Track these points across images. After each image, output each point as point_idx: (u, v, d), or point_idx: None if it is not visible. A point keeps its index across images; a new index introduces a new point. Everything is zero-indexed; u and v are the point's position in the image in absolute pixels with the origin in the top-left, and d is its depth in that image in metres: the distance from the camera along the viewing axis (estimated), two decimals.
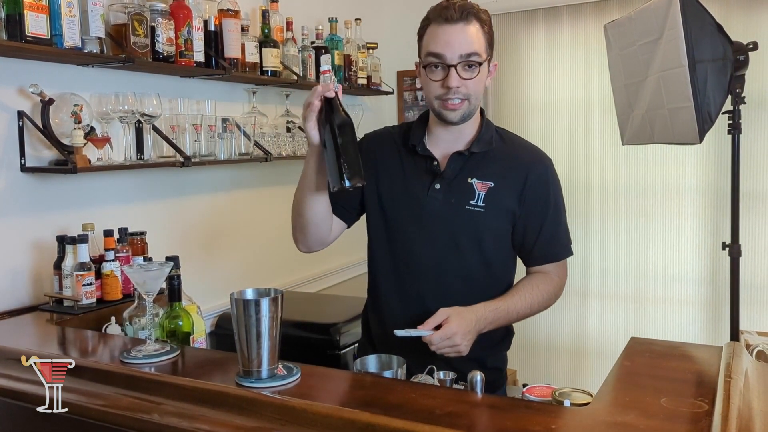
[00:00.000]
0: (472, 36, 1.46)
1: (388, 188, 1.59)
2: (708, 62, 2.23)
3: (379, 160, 1.62)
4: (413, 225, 1.56)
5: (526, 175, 1.56)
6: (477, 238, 1.55)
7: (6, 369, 1.39)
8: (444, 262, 1.55)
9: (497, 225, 1.56)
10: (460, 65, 1.46)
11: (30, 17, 1.71)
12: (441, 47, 1.46)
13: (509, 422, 1.05)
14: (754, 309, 3.01)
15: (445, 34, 1.46)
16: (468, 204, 1.53)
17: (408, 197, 1.57)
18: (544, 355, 3.57)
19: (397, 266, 1.59)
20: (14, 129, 1.87)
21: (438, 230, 1.55)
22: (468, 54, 1.45)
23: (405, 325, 1.44)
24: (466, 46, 1.45)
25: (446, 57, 1.45)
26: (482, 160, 1.56)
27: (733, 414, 0.98)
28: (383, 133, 1.71)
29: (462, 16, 1.46)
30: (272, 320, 1.18)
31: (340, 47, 3.06)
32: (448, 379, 1.32)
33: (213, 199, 2.60)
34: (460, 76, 1.46)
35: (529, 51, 3.47)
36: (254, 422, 1.11)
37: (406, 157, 1.61)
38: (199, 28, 2.23)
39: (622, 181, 3.32)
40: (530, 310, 1.57)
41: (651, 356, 1.32)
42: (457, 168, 1.55)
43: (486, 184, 1.53)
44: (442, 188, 1.55)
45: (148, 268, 1.41)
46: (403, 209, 1.57)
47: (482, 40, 1.49)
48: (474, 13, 1.48)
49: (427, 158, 1.58)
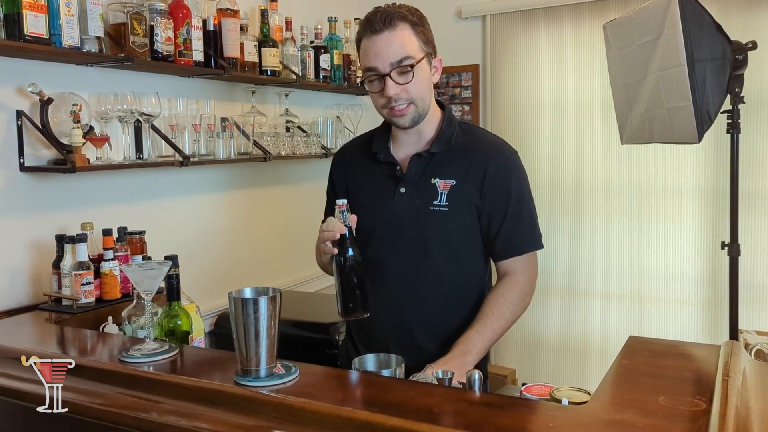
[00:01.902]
0: (399, 41, 1.47)
1: (357, 198, 1.59)
2: (707, 62, 2.23)
3: (348, 173, 1.66)
4: (382, 231, 1.56)
5: (486, 167, 1.54)
6: (444, 238, 1.55)
7: (5, 368, 1.39)
8: (413, 265, 1.55)
9: (463, 223, 1.55)
10: (394, 72, 1.47)
11: (29, 16, 1.71)
12: (372, 60, 1.48)
13: (507, 420, 1.05)
14: (753, 308, 3.01)
15: (373, 46, 1.48)
16: (432, 205, 1.53)
17: (376, 204, 1.57)
18: (543, 354, 3.57)
19: (371, 273, 1.55)
20: (13, 128, 1.87)
21: (405, 234, 1.55)
22: (399, 60, 1.47)
23: (381, 331, 1.56)
24: (394, 53, 1.46)
25: (378, 68, 1.48)
26: (444, 158, 1.56)
27: (730, 413, 0.98)
28: (350, 146, 1.77)
29: (385, 23, 1.47)
30: (270, 319, 1.18)
31: (340, 47, 3.06)
32: (447, 378, 1.31)
33: (212, 198, 2.60)
34: (396, 83, 1.48)
35: (528, 51, 3.47)
36: (253, 421, 1.11)
37: (371, 166, 1.63)
38: (198, 28, 2.24)
39: (621, 180, 3.32)
40: (502, 330, 1.53)
41: (649, 355, 1.32)
42: (419, 170, 1.56)
43: (448, 183, 1.54)
44: (407, 192, 1.56)
45: (147, 267, 1.41)
46: (373, 217, 1.57)
47: (414, 40, 1.49)
48: (399, 16, 1.48)
49: (389, 164, 1.60)
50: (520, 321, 1.60)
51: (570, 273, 3.45)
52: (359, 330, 1.69)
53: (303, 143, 2.84)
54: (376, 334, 1.62)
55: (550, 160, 3.42)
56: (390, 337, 1.58)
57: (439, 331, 1.57)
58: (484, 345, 1.50)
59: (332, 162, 1.75)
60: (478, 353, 1.48)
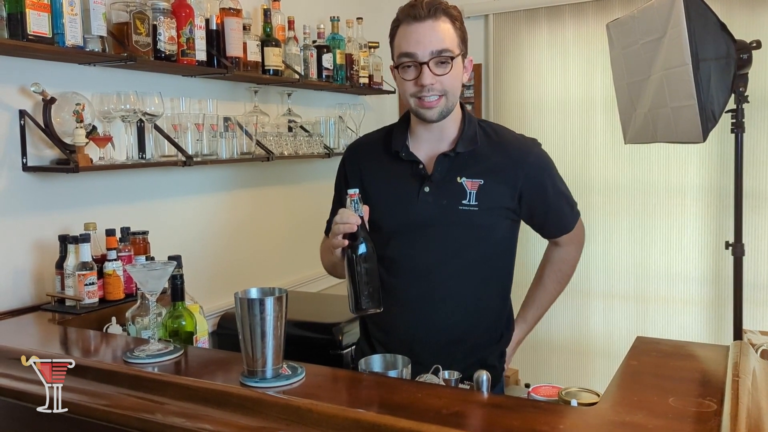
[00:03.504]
0: (442, 32, 1.46)
1: (377, 197, 1.55)
2: (711, 61, 2.22)
3: (364, 171, 1.62)
4: (406, 230, 1.54)
5: (519, 171, 1.54)
6: (473, 237, 1.54)
7: (8, 369, 1.38)
8: (441, 265, 1.54)
9: (492, 222, 1.54)
10: (433, 62, 1.45)
11: (32, 16, 1.70)
12: (412, 46, 1.46)
13: (516, 422, 1.04)
14: (757, 308, 3.00)
15: (414, 33, 1.46)
16: (461, 204, 1.51)
17: (398, 203, 1.55)
18: (546, 354, 3.56)
19: (391, 272, 1.56)
20: (16, 128, 1.86)
21: (431, 234, 1.54)
22: (439, 50, 1.45)
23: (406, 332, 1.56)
24: (436, 43, 1.45)
25: (417, 55, 1.45)
26: (469, 158, 1.55)
27: (742, 413, 0.97)
28: (365, 142, 1.72)
29: (430, 13, 1.45)
30: (277, 320, 1.17)
31: (342, 46, 3.05)
32: (453, 379, 1.31)
33: (215, 198, 2.60)
34: (433, 73, 1.45)
35: (531, 50, 3.46)
36: (259, 422, 1.10)
37: (391, 164, 1.59)
38: (201, 27, 2.23)
39: (624, 180, 3.31)
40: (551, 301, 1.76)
41: (657, 356, 1.31)
42: (444, 169, 1.54)
43: (476, 182, 1.52)
44: (431, 191, 1.53)
45: (152, 267, 1.40)
46: (395, 216, 1.55)
47: (453, 35, 1.48)
48: (443, 9, 1.47)
49: (412, 162, 1.56)
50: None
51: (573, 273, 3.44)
52: (378, 330, 1.65)
53: (305, 143, 2.83)
54: (399, 335, 1.59)
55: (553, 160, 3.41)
56: (414, 338, 1.56)
57: (466, 331, 1.57)
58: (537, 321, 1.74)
59: (344, 157, 1.70)
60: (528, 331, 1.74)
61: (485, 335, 1.58)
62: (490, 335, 1.60)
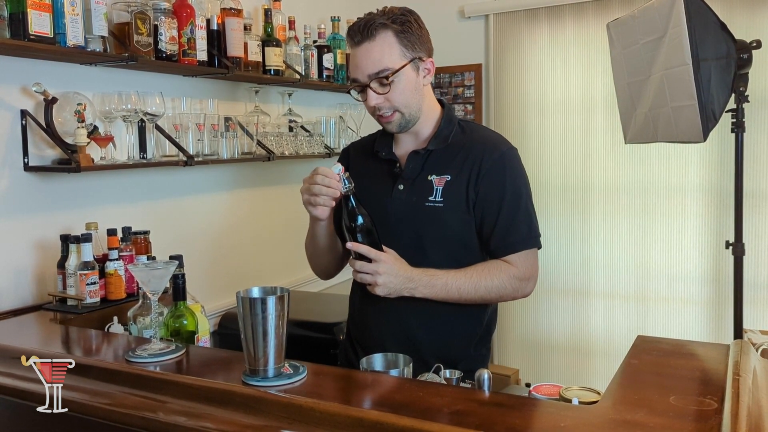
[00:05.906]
0: (377, 52, 1.47)
1: (361, 195, 1.55)
2: (712, 60, 2.22)
3: (352, 170, 1.63)
4: (381, 227, 1.53)
5: (481, 161, 1.53)
6: (439, 234, 1.54)
7: (10, 368, 1.38)
8: (410, 262, 1.51)
9: (457, 218, 1.53)
10: (374, 83, 1.49)
11: (33, 16, 1.71)
12: (353, 71, 1.52)
13: (518, 420, 1.04)
14: (757, 308, 3.00)
15: (354, 58, 1.52)
16: (427, 201, 1.53)
17: (375, 201, 1.56)
18: (547, 354, 3.56)
19: None
20: (17, 128, 1.86)
21: (402, 231, 1.55)
22: (375, 72, 1.48)
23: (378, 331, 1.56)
24: (371, 66, 1.48)
25: (359, 79, 1.50)
26: (442, 156, 1.56)
27: (743, 412, 0.98)
28: (357, 144, 1.79)
29: (365, 35, 1.47)
30: (278, 319, 1.17)
31: (343, 46, 3.06)
32: (455, 378, 1.31)
33: (216, 198, 2.60)
34: (377, 93, 1.49)
35: (532, 50, 3.47)
36: (261, 421, 1.11)
37: (374, 163, 1.64)
38: (202, 27, 2.23)
39: (624, 179, 3.31)
40: (476, 292, 1.49)
41: (658, 354, 1.31)
42: (417, 167, 1.56)
43: (443, 179, 1.53)
44: (405, 188, 1.56)
45: (154, 266, 1.40)
46: (373, 213, 1.54)
47: (394, 49, 1.48)
48: (380, 25, 1.47)
49: (390, 161, 1.61)
50: (522, 320, 1.60)
51: (573, 272, 3.44)
52: (355, 328, 1.69)
53: (306, 143, 2.83)
54: (373, 334, 1.61)
55: (554, 160, 3.42)
56: (387, 337, 1.57)
57: (438, 330, 1.57)
58: (446, 289, 1.48)
59: (338, 159, 1.74)
60: (432, 289, 1.47)
61: (458, 333, 1.58)
62: (463, 333, 1.59)
